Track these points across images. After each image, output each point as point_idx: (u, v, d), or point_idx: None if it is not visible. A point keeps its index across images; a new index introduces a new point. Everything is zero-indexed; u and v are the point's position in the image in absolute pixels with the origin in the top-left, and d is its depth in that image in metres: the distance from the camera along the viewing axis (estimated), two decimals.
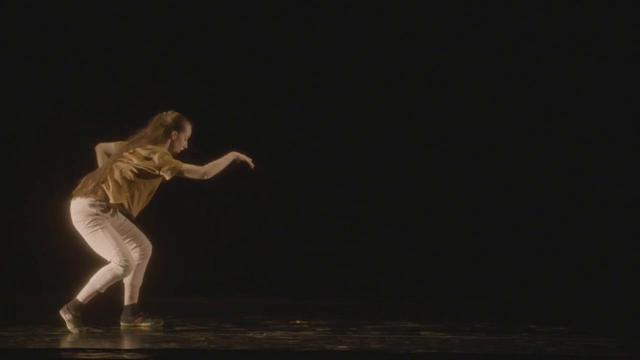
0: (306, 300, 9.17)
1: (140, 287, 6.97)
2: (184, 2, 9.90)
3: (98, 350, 5.78)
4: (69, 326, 6.61)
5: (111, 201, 6.70)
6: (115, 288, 6.90)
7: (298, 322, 7.19)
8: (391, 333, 6.57)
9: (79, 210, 6.74)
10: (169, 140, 6.87)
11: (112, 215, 6.78)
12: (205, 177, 6.79)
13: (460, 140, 9.91)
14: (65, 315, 6.64)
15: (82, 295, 6.69)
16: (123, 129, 7.13)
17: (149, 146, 6.77)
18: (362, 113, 9.96)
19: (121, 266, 6.65)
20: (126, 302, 6.95)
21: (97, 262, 6.83)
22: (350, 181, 9.93)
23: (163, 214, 7.17)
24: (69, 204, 6.81)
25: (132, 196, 6.75)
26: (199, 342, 6.06)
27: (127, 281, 6.92)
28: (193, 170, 6.76)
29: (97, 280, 6.68)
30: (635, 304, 8.92)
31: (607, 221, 9.65)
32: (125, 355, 5.58)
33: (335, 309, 8.50)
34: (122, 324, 6.94)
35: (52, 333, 6.44)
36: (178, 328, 6.83)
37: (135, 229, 6.95)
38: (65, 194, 6.90)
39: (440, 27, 9.88)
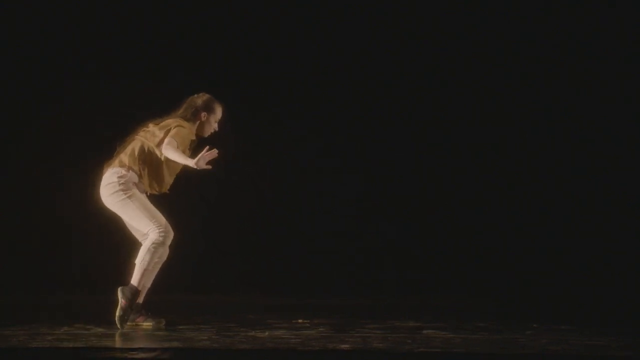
0: (309, 299, 9.17)
1: (149, 288, 6.97)
2: (184, 2, 9.89)
3: (100, 349, 5.77)
4: (118, 312, 6.65)
5: (126, 164, 6.75)
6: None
7: (300, 321, 7.18)
8: (393, 332, 6.56)
9: (104, 184, 6.81)
10: (198, 122, 6.93)
11: (139, 184, 6.78)
12: (165, 149, 6.67)
13: (463, 139, 9.92)
14: (122, 299, 6.68)
15: (135, 279, 6.72)
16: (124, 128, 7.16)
17: (179, 119, 6.84)
18: (365, 112, 9.96)
19: (161, 236, 6.70)
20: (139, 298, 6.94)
21: (103, 261, 6.84)
22: (353, 180, 9.94)
23: (165, 214, 7.14)
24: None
25: (144, 166, 6.79)
26: (201, 341, 6.05)
27: (140, 273, 6.92)
28: (173, 148, 6.66)
29: (143, 260, 6.72)
30: (638, 303, 8.92)
31: (610, 220, 9.66)
32: (127, 354, 5.57)
33: (338, 308, 8.50)
34: (138, 323, 6.93)
35: (54, 332, 6.43)
36: (180, 327, 6.82)
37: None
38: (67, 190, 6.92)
39: (440, 27, 9.88)
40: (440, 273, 9.77)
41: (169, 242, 6.79)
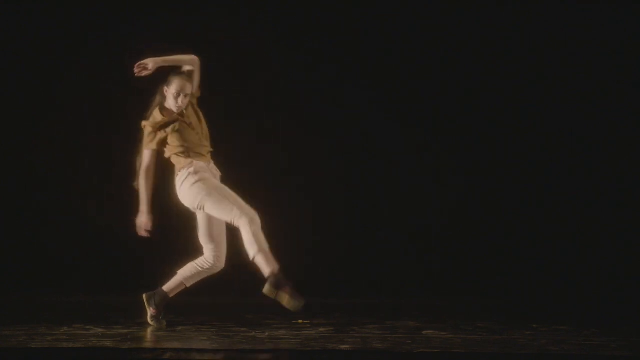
0: (308, 300, 9.14)
1: (184, 289, 7.01)
2: (183, 2, 9.89)
3: (100, 349, 5.77)
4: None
5: (180, 166, 6.88)
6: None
7: (300, 321, 7.18)
8: (393, 332, 6.56)
9: (179, 187, 6.88)
10: (165, 99, 6.96)
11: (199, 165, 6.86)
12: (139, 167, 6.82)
13: (463, 139, 9.91)
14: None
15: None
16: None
17: (143, 120, 6.92)
18: (365, 112, 9.95)
19: (248, 218, 6.92)
20: (165, 288, 6.94)
21: (105, 261, 6.83)
22: (355, 180, 9.92)
23: (165, 213, 7.15)
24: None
25: (179, 155, 6.90)
26: (201, 342, 6.06)
27: (181, 274, 6.94)
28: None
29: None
30: (638, 303, 8.92)
31: (610, 220, 9.66)
32: (126, 355, 5.57)
33: (337, 308, 8.49)
34: (144, 295, 6.93)
35: (54, 332, 6.43)
36: (180, 327, 6.82)
37: (223, 235, 7.10)
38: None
39: (440, 27, 9.88)
40: (440, 273, 9.77)
41: (257, 219, 6.94)
